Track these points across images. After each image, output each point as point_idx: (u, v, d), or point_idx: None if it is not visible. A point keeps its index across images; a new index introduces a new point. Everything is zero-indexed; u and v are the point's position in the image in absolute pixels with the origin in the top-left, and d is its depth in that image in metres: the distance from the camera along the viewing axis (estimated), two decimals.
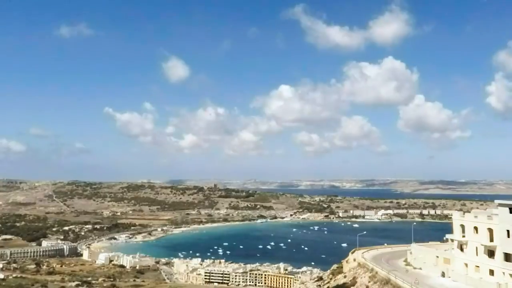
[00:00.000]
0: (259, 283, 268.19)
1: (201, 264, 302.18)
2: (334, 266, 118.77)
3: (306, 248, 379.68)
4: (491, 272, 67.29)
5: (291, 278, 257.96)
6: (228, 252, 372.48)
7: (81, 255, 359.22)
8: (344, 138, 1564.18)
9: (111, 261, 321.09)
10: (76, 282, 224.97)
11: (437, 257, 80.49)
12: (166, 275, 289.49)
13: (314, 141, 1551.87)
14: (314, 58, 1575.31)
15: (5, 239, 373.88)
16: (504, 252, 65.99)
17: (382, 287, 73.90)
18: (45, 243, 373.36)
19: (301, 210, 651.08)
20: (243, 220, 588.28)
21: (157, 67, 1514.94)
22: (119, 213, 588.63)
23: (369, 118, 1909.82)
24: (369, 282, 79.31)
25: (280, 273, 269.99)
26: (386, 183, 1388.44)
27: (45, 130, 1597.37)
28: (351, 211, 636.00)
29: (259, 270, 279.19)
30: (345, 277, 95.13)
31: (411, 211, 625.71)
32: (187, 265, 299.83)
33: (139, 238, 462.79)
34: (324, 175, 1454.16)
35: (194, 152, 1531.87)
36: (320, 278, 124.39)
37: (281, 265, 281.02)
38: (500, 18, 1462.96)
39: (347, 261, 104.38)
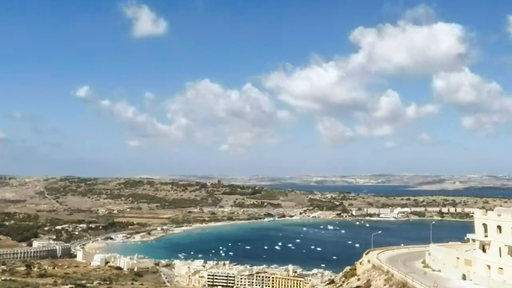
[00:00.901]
0: (266, 286, 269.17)
1: (203, 266, 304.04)
2: (347, 268, 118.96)
3: (316, 249, 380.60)
4: None
5: (300, 281, 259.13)
6: (232, 253, 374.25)
7: (75, 256, 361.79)
8: (364, 124, 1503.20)
9: (107, 262, 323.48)
10: (70, 285, 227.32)
11: (458, 258, 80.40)
12: (166, 278, 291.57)
13: (327, 129, 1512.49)
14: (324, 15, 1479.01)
15: None
16: None
17: None
18: (36, 244, 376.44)
19: (311, 207, 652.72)
20: (249, 219, 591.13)
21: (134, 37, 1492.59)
22: (115, 211, 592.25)
23: (398, 94, 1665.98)
24: (384, 285, 79.44)
25: (289, 275, 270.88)
26: (403, 179, 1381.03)
27: (25, 114, 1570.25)
28: (365, 209, 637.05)
29: (266, 272, 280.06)
30: (358, 279, 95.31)
31: (429, 209, 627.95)
32: (188, 267, 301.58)
33: (137, 238, 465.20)
34: (336, 169, 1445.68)
35: (193, 140, 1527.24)
36: (332, 281, 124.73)
37: (290, 267, 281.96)
38: None
39: (360, 263, 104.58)
